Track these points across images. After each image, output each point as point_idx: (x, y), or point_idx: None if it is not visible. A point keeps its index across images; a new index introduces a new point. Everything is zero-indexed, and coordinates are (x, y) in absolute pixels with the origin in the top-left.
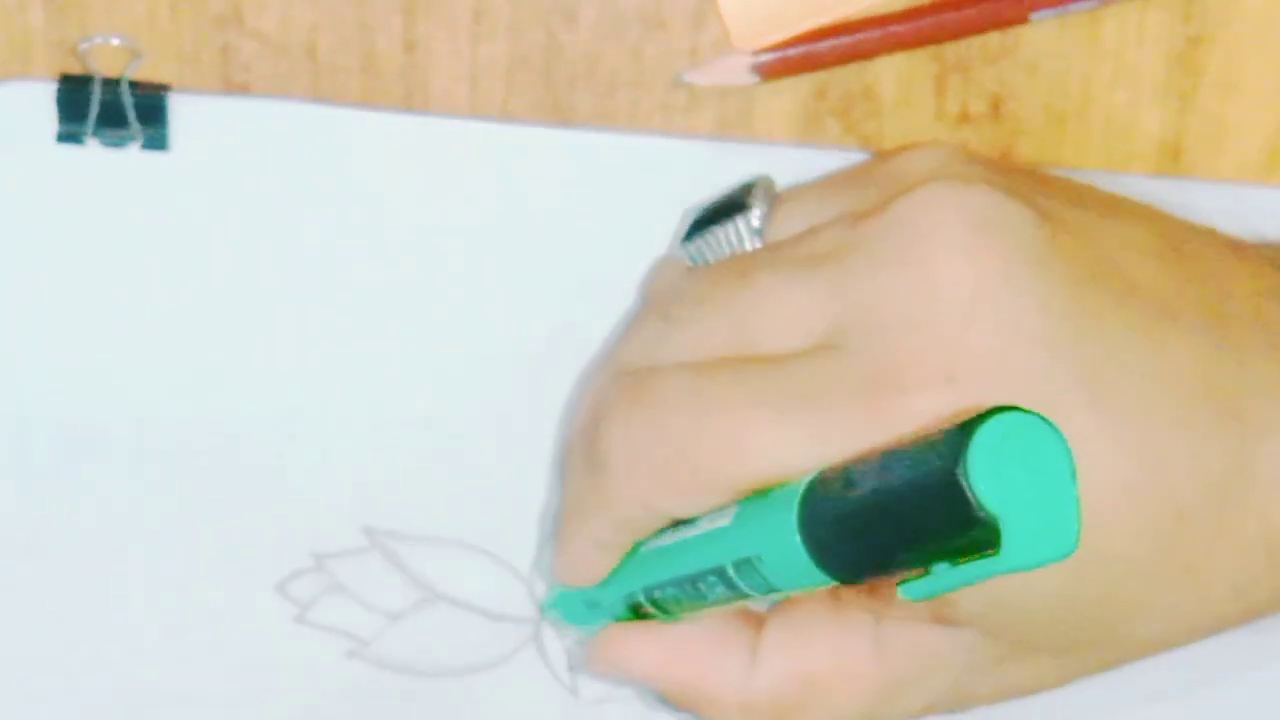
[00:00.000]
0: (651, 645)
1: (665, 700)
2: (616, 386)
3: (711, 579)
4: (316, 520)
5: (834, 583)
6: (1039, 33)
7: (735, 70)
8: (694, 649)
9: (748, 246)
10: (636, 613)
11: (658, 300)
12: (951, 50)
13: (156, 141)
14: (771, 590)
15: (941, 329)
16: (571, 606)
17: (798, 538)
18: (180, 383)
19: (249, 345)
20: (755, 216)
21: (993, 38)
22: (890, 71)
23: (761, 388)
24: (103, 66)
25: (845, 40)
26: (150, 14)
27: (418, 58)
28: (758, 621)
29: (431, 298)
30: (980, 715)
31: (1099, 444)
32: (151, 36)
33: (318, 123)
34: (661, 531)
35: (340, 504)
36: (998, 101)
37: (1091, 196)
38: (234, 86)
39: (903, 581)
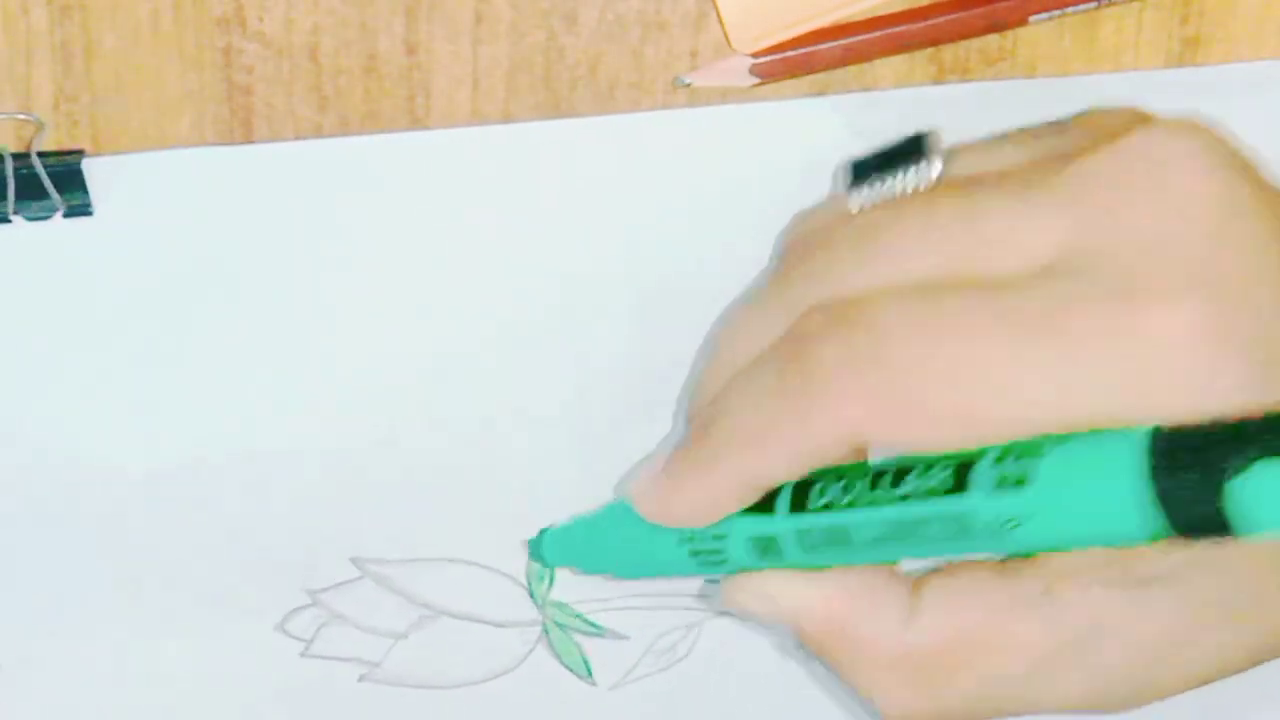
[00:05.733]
0: (804, 583)
1: (805, 644)
2: (823, 314)
3: (944, 507)
4: (302, 558)
5: (1140, 540)
6: (1037, 35)
7: (735, 72)
8: (851, 593)
9: None
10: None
11: (834, 233)
12: (950, 52)
13: (79, 208)
14: (1009, 540)
15: (1192, 245)
16: (595, 544)
17: (1145, 481)
18: (148, 438)
19: (207, 394)
20: (935, 166)
21: (991, 39)
22: (889, 73)
23: (995, 310)
24: (9, 142)
25: (845, 42)
26: (153, 16)
27: (419, 60)
28: (913, 581)
29: (384, 322)
30: None
31: None
32: (154, 38)
33: (236, 165)
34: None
35: (322, 539)
36: None
37: None
38: (236, 89)
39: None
